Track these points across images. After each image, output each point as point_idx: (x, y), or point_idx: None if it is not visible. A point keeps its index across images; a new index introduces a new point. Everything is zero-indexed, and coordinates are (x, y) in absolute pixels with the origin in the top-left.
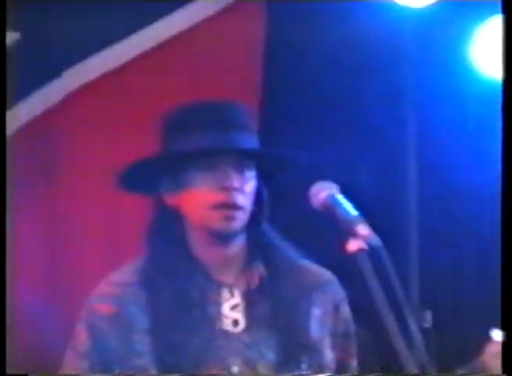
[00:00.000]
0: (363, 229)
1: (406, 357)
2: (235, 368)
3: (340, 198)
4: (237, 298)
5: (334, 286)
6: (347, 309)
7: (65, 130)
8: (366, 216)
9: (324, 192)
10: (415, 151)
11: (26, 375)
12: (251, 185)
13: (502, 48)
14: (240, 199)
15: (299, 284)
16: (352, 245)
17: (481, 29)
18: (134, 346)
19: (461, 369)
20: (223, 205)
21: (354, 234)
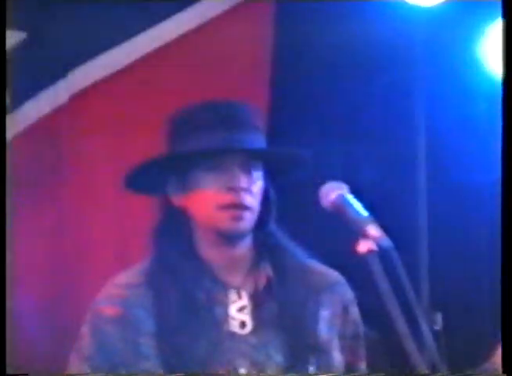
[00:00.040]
0: (373, 229)
1: (417, 359)
2: (242, 370)
3: (350, 198)
4: (244, 300)
5: (343, 287)
6: (356, 311)
7: (71, 131)
8: (376, 217)
9: (334, 192)
10: (425, 151)
11: (26, 375)
12: (259, 185)
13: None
14: (248, 199)
15: (307, 285)
16: (362, 246)
17: (491, 28)
18: (140, 349)
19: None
20: (230, 206)
21: (364, 235)
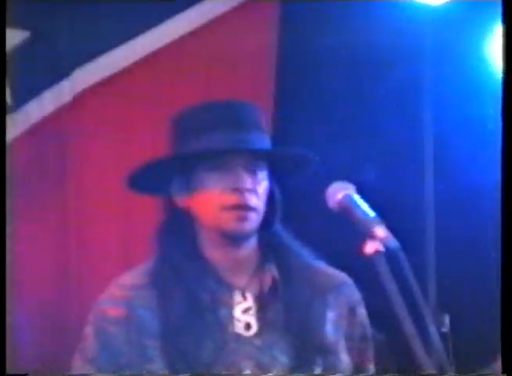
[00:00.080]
0: (381, 230)
1: (424, 361)
2: (247, 372)
3: (357, 199)
4: (249, 301)
5: (349, 288)
6: (363, 312)
7: (75, 130)
8: (383, 218)
9: (341, 192)
10: (432, 151)
11: (26, 375)
12: (263, 185)
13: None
14: (253, 200)
15: (312, 286)
16: (369, 247)
17: (499, 27)
18: (144, 350)
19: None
20: (235, 206)
21: (371, 236)
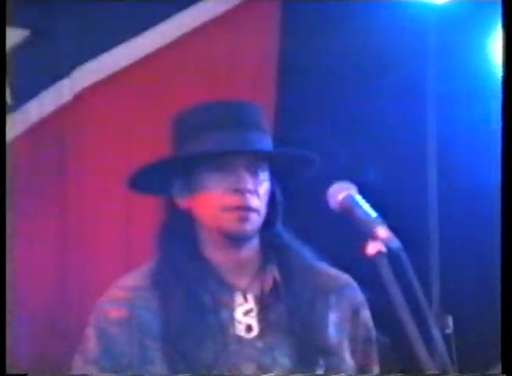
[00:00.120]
0: (383, 231)
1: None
2: (248, 374)
3: (358, 199)
4: (251, 303)
5: (352, 289)
6: (367, 314)
7: (75, 130)
8: (385, 218)
9: (342, 193)
10: (435, 150)
11: (26, 375)
12: (265, 186)
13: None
14: (254, 201)
15: (314, 287)
16: (371, 248)
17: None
18: (145, 351)
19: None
20: (236, 207)
21: (373, 236)
